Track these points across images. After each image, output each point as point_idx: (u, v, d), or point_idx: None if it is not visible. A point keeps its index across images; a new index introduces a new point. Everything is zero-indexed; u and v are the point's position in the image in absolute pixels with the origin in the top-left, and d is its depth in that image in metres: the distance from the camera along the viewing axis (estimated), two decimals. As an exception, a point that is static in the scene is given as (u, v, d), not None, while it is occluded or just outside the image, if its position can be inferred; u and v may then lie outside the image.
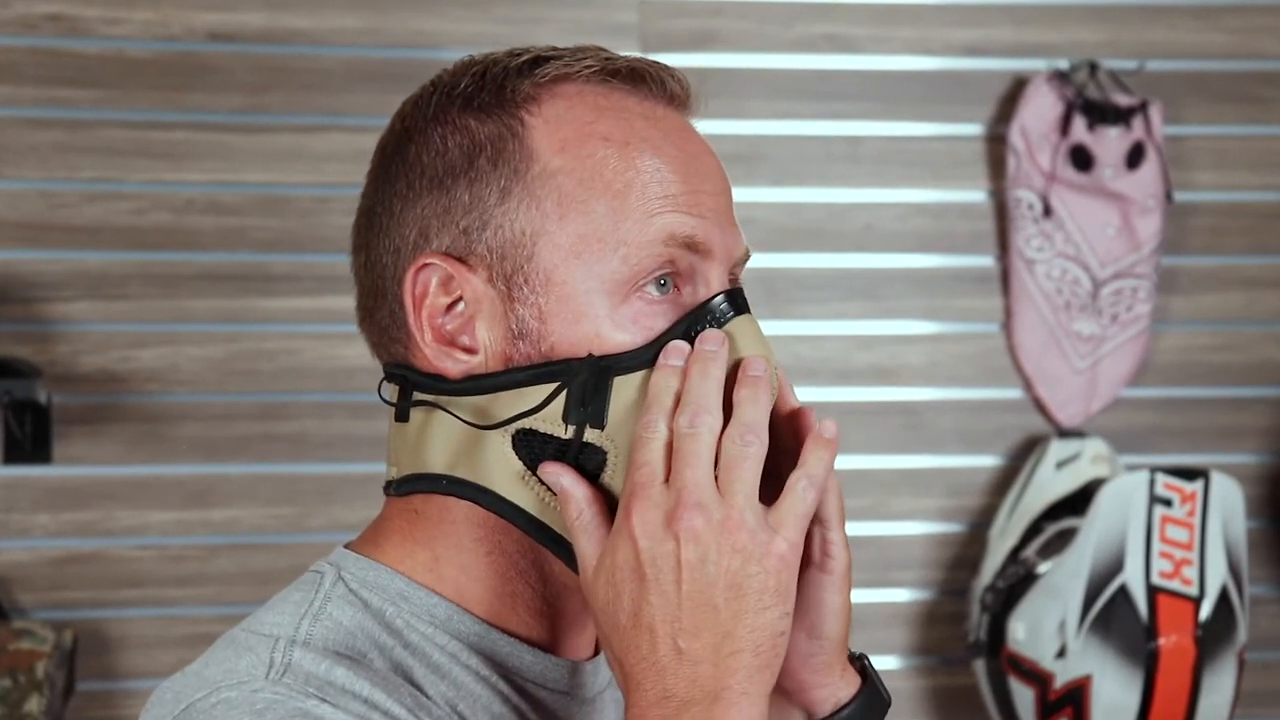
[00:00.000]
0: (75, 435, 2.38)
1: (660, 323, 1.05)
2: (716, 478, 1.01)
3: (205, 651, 1.06)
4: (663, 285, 1.05)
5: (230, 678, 1.00)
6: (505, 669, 1.08)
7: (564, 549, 1.06)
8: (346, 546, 1.12)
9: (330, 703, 0.98)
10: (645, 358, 1.04)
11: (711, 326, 1.05)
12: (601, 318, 1.04)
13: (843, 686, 1.09)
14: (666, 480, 1.01)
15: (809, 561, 1.07)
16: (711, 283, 1.07)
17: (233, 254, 2.41)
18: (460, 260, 1.06)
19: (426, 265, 1.06)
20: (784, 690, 1.09)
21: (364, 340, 1.13)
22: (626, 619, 1.00)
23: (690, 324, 1.05)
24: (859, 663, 1.12)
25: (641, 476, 1.01)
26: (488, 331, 1.06)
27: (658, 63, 1.10)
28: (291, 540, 2.42)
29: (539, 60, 1.08)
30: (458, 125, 1.07)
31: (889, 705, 1.12)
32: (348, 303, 1.13)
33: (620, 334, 1.04)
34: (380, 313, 1.10)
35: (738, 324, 1.06)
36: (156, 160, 2.40)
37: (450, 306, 1.07)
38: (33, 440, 2.24)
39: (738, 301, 1.07)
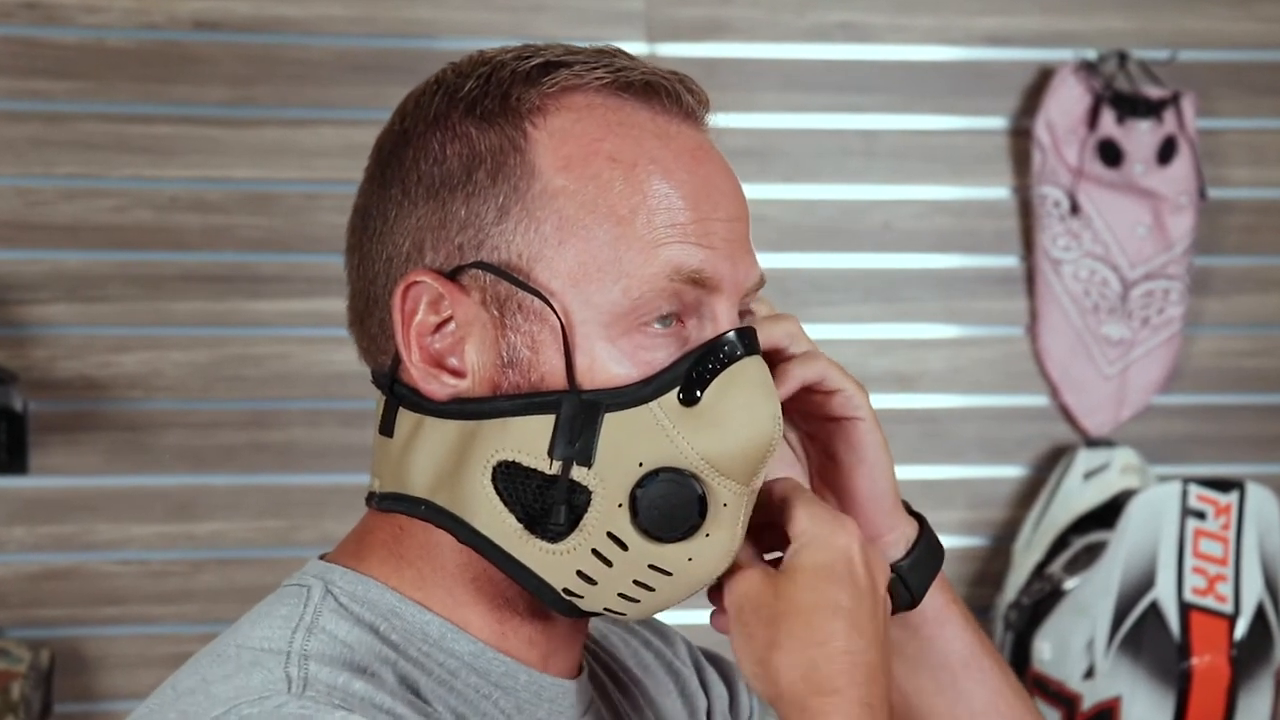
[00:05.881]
0: (53, 444, 2.37)
1: (659, 356, 1.03)
2: None
3: (181, 671, 1.03)
4: (666, 320, 1.03)
5: (246, 694, 0.98)
6: (502, 689, 1.07)
7: (541, 586, 1.04)
8: (324, 558, 1.09)
9: (359, 714, 0.97)
10: (640, 394, 1.02)
11: (718, 365, 1.03)
12: (597, 350, 1.02)
13: (908, 526, 1.16)
14: None
15: (840, 418, 1.12)
16: (719, 317, 1.05)
17: (218, 254, 2.41)
18: (453, 279, 1.04)
19: (416, 283, 1.04)
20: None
21: (354, 343, 1.11)
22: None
23: (696, 362, 1.03)
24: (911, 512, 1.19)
25: None
26: (477, 355, 1.04)
27: (675, 74, 1.07)
28: (280, 555, 2.42)
29: (549, 66, 1.05)
30: (458, 132, 1.05)
31: (944, 554, 1.19)
32: (339, 305, 1.11)
33: (616, 367, 1.02)
34: (370, 320, 1.08)
35: (744, 365, 1.04)
36: (138, 155, 2.39)
37: (440, 326, 1.04)
38: (8, 450, 2.24)
39: (747, 341, 1.05)
